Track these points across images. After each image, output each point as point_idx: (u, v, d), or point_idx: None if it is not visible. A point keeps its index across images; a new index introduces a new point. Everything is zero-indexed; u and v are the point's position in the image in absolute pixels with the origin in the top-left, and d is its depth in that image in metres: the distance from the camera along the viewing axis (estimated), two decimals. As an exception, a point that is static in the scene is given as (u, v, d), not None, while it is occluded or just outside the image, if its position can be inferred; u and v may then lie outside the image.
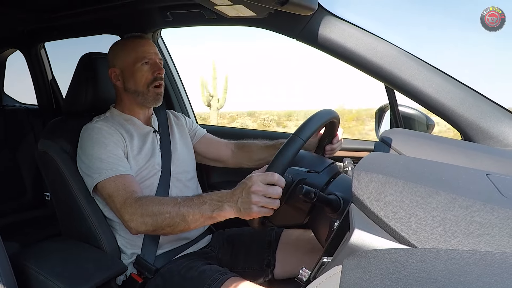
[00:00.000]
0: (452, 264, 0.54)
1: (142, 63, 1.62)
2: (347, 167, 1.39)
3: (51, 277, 1.28)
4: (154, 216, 1.35)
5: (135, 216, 1.38)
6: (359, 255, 0.61)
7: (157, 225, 1.35)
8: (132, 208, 1.39)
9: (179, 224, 1.33)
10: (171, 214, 1.33)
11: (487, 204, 0.67)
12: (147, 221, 1.36)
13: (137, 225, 1.38)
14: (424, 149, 1.25)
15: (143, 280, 1.51)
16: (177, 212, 1.32)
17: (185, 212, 1.31)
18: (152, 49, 1.66)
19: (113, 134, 1.55)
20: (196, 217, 1.30)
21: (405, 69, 1.46)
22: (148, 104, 1.68)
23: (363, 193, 0.76)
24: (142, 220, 1.36)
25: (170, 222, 1.33)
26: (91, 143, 1.52)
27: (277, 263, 1.68)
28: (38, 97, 3.20)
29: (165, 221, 1.33)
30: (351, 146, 2.02)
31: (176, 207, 1.33)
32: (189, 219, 1.31)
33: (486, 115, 1.38)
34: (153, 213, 1.35)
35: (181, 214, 1.31)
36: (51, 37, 2.87)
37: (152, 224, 1.35)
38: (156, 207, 1.35)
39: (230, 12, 1.55)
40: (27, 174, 3.07)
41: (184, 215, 1.31)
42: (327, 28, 1.54)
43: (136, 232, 1.42)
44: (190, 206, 1.31)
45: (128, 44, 1.68)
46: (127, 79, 1.65)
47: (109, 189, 1.45)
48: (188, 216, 1.31)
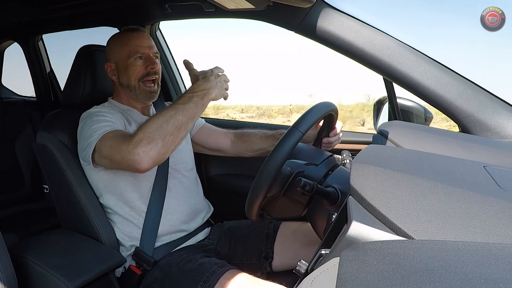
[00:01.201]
0: (449, 255, 0.54)
1: (135, 58, 1.60)
2: (345, 159, 1.39)
3: (49, 269, 1.28)
4: (157, 125, 1.35)
5: (141, 142, 1.31)
6: (357, 247, 0.62)
7: (165, 134, 1.34)
8: (134, 139, 1.32)
9: (183, 122, 1.38)
10: (173, 116, 1.37)
11: (484, 195, 0.68)
12: (155, 135, 1.32)
13: (145, 148, 1.31)
14: (422, 141, 1.25)
15: (141, 272, 1.52)
16: (175, 111, 1.38)
17: (182, 108, 1.39)
18: (145, 42, 1.64)
19: (114, 114, 1.55)
20: (193, 108, 1.40)
21: (404, 61, 1.46)
22: (141, 100, 1.67)
23: (361, 185, 0.76)
24: (148, 139, 1.32)
25: (176, 123, 1.36)
26: (90, 119, 1.50)
27: (275, 255, 1.69)
28: (36, 89, 3.19)
29: (170, 123, 1.35)
30: (349, 139, 2.02)
31: (173, 109, 1.39)
32: (188, 112, 1.39)
33: (484, 107, 1.38)
34: (155, 124, 1.35)
35: (180, 110, 1.38)
36: (48, 29, 2.86)
37: (161, 135, 1.33)
38: (154, 120, 1.37)
39: (228, 4, 1.55)
40: (25, 166, 3.06)
41: (183, 110, 1.38)
42: (326, 21, 1.53)
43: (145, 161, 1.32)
44: (184, 103, 1.40)
45: (122, 38, 1.66)
46: (121, 73, 1.63)
47: (107, 145, 1.40)
48: (187, 109, 1.39)
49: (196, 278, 1.39)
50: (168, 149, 1.37)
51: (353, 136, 2.07)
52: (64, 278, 1.26)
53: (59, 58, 3.35)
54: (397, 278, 0.50)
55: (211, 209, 1.86)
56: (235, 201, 1.60)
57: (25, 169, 3.07)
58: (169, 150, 1.38)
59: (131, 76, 1.61)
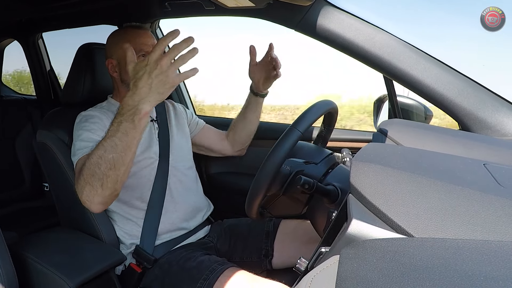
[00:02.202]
0: (449, 253, 0.54)
1: (138, 55, 1.57)
2: (345, 157, 1.39)
3: (49, 267, 1.29)
4: (92, 171, 1.22)
5: (83, 187, 1.25)
6: (357, 245, 0.62)
7: (101, 178, 1.21)
8: (78, 183, 1.27)
9: (115, 159, 1.20)
10: (102, 156, 1.20)
11: (484, 193, 0.68)
12: (93, 182, 1.22)
13: (88, 195, 1.25)
14: (422, 139, 1.25)
15: (142, 270, 1.52)
16: (104, 150, 1.20)
17: (111, 143, 1.19)
18: (150, 40, 1.63)
19: (102, 119, 1.53)
20: (125, 138, 1.19)
21: (404, 59, 1.46)
22: None
23: (361, 183, 0.76)
24: (89, 186, 1.23)
25: (108, 164, 1.20)
26: (77, 128, 1.50)
27: (275, 253, 1.69)
28: (36, 87, 3.19)
29: (102, 166, 1.20)
30: (349, 137, 2.02)
31: (101, 147, 1.21)
32: (119, 146, 1.19)
33: (484, 105, 1.38)
34: (90, 169, 1.22)
35: (109, 147, 1.19)
36: (48, 27, 2.86)
37: (97, 180, 1.22)
38: (89, 162, 1.23)
39: (228, 3, 1.55)
40: (26, 164, 3.07)
41: (112, 146, 1.19)
42: (326, 18, 1.53)
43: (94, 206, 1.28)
44: (112, 135, 1.19)
45: (125, 34, 1.64)
46: (124, 70, 1.61)
47: (76, 170, 1.37)
48: (116, 143, 1.19)
49: (196, 275, 1.39)
50: (113, 189, 1.26)
51: (353, 134, 2.06)
52: (64, 276, 1.26)
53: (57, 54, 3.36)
54: (397, 276, 0.50)
55: (211, 207, 1.86)
56: (235, 199, 1.61)
57: (25, 167, 3.07)
58: (114, 188, 1.26)
59: None
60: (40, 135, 1.62)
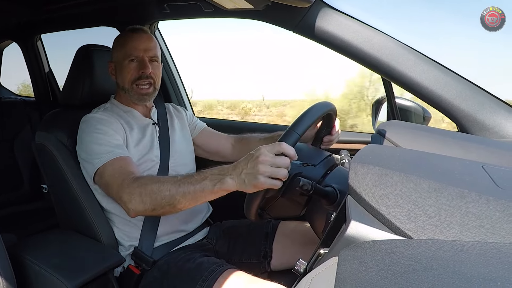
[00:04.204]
0: (447, 254, 0.54)
1: (129, 60, 1.61)
2: (343, 159, 1.39)
3: (48, 269, 1.28)
4: (153, 194, 1.29)
5: (133, 196, 1.32)
6: (356, 247, 0.62)
7: (156, 204, 1.29)
8: (130, 188, 1.34)
9: (180, 202, 1.27)
10: (171, 192, 1.27)
11: (482, 195, 0.68)
12: (146, 200, 1.30)
13: (135, 205, 1.32)
14: (421, 141, 1.25)
15: (140, 272, 1.52)
16: (177, 189, 1.26)
17: (186, 189, 1.25)
18: (142, 45, 1.63)
19: (112, 123, 1.55)
20: (198, 194, 1.24)
21: (402, 61, 1.46)
22: (134, 101, 1.67)
23: (360, 185, 0.76)
24: (140, 200, 1.31)
25: (170, 201, 1.27)
26: (91, 131, 1.51)
27: (274, 255, 1.69)
28: (35, 89, 3.19)
29: (165, 199, 1.27)
30: (347, 138, 2.02)
31: (176, 184, 1.27)
32: (189, 196, 1.25)
33: (482, 107, 1.39)
34: (152, 191, 1.29)
35: (181, 191, 1.25)
36: (47, 29, 2.86)
37: (151, 203, 1.30)
38: (155, 186, 1.29)
39: (227, 4, 1.55)
40: (24, 166, 3.07)
41: (184, 193, 1.25)
42: (324, 20, 1.54)
43: (135, 213, 1.35)
44: (190, 183, 1.25)
45: (122, 38, 1.67)
46: (118, 74, 1.66)
47: (107, 173, 1.43)
48: (188, 193, 1.25)
49: (195, 277, 1.39)
50: (160, 214, 1.43)
51: (352, 136, 2.07)
52: (63, 277, 1.26)
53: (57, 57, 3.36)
54: (395, 277, 0.50)
55: (210, 209, 1.86)
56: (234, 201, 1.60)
57: (24, 169, 3.07)
58: (161, 215, 1.46)
59: (125, 79, 1.63)
60: (39, 137, 1.62)
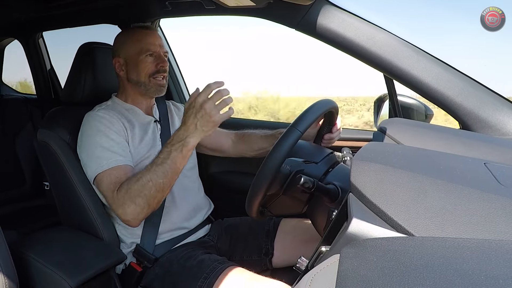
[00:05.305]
0: (449, 252, 0.54)
1: (146, 55, 1.62)
2: (345, 156, 1.39)
3: (50, 266, 1.29)
4: (140, 192, 1.37)
5: (125, 205, 1.38)
6: (357, 244, 0.62)
7: (148, 198, 1.37)
8: (119, 200, 1.40)
9: (164, 183, 1.38)
10: (152, 180, 1.37)
11: (484, 192, 0.68)
12: (138, 201, 1.37)
13: (133, 213, 1.39)
14: (423, 138, 1.25)
15: (142, 269, 1.52)
16: (155, 175, 1.37)
17: (162, 170, 1.37)
18: (157, 41, 1.67)
19: (114, 123, 1.55)
20: (173, 166, 1.38)
21: (404, 59, 1.45)
22: (151, 94, 1.68)
23: (361, 182, 0.76)
24: (133, 204, 1.37)
25: (156, 187, 1.37)
26: (93, 132, 1.51)
27: (275, 252, 1.69)
28: (37, 86, 3.19)
29: (152, 189, 1.37)
30: (349, 136, 2.02)
31: (151, 172, 1.38)
32: (169, 173, 1.38)
33: (485, 104, 1.38)
34: (138, 190, 1.37)
35: (160, 174, 1.37)
36: (49, 27, 2.85)
37: (143, 200, 1.37)
38: (137, 184, 1.37)
39: (229, 2, 1.54)
40: (26, 163, 3.07)
41: (163, 173, 1.37)
42: (326, 18, 1.53)
43: (136, 221, 1.41)
44: (162, 163, 1.38)
45: (134, 34, 1.68)
46: (131, 69, 1.65)
47: (104, 183, 1.46)
48: (166, 171, 1.37)
49: (196, 274, 1.39)
50: (157, 206, 1.44)
51: (354, 133, 2.06)
52: (64, 275, 1.26)
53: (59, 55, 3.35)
54: (397, 275, 0.50)
55: (211, 206, 1.86)
56: (236, 198, 1.60)
57: (26, 167, 3.07)
58: (157, 207, 1.45)
59: (142, 72, 1.63)
60: (41, 134, 1.62)
